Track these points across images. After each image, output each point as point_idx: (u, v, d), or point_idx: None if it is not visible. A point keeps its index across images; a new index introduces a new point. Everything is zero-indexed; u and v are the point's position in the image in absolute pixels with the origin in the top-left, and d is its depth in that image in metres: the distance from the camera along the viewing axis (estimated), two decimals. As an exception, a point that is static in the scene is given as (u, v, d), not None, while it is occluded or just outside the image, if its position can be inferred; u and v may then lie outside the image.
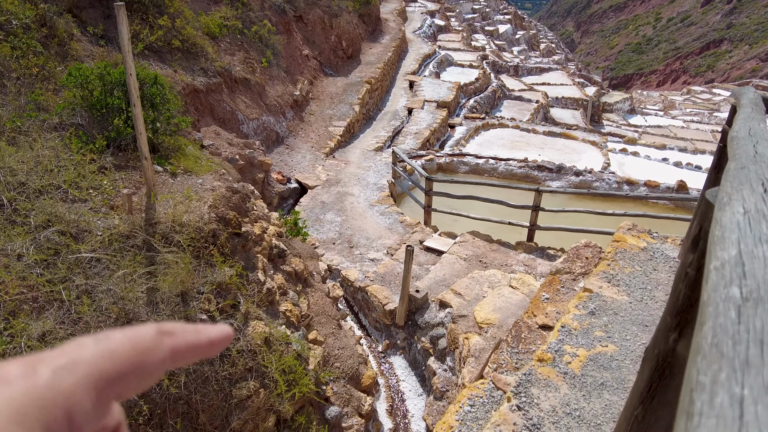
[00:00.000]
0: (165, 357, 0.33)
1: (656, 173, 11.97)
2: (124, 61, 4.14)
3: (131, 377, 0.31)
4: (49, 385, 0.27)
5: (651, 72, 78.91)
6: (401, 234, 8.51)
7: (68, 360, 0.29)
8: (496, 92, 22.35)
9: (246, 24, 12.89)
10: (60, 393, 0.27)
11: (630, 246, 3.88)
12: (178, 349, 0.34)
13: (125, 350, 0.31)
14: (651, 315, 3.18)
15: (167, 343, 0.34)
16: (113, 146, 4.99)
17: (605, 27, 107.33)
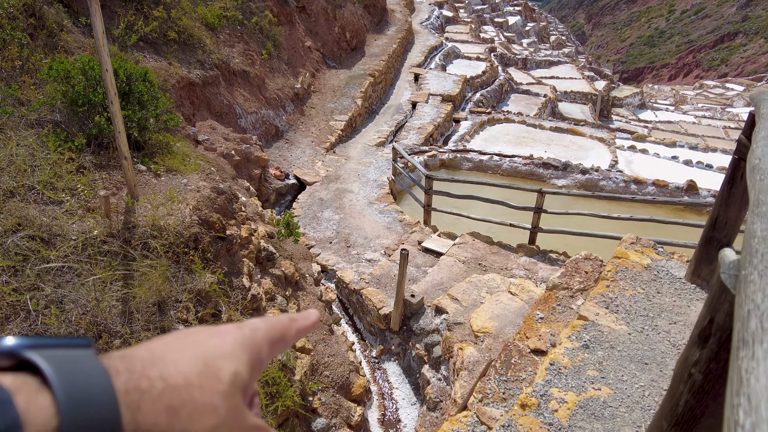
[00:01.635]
0: (294, 334, 0.49)
1: (665, 172, 11.63)
2: (99, 57, 3.91)
3: (280, 344, 0.47)
4: (251, 336, 0.44)
5: (663, 65, 77.72)
6: (400, 234, 8.27)
7: (255, 325, 0.46)
8: (504, 86, 21.95)
9: (246, 15, 12.62)
10: (255, 342, 0.44)
11: (632, 264, 3.61)
12: (300, 330, 0.49)
13: (279, 325, 0.47)
14: (651, 350, 2.91)
15: (295, 326, 0.49)
16: (94, 144, 4.78)
17: (617, 19, 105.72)
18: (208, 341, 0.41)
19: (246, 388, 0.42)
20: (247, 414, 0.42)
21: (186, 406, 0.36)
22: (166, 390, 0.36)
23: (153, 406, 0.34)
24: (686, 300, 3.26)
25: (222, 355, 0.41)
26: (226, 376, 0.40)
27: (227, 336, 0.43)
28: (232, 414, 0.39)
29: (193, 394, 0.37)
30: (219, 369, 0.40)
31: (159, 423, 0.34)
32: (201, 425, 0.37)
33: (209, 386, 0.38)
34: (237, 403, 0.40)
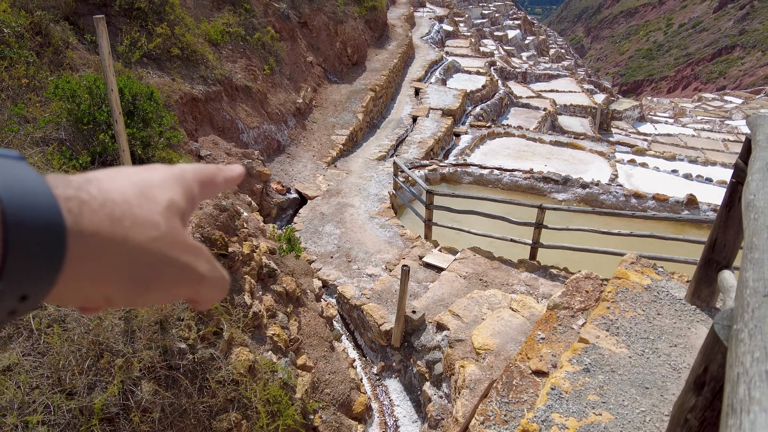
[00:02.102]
0: (222, 181, 0.52)
1: (665, 186, 11.67)
2: (105, 77, 3.97)
3: (209, 187, 0.49)
4: (181, 174, 0.46)
5: (661, 78, 78.26)
6: (401, 248, 8.29)
7: (184, 167, 0.47)
8: (503, 99, 22.11)
9: (249, 30, 12.77)
10: (187, 179, 0.46)
11: (632, 284, 3.61)
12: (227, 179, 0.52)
13: (207, 170, 0.50)
14: (652, 373, 2.90)
15: (221, 174, 0.52)
16: (98, 162, 4.83)
17: (615, 32, 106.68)
18: (141, 174, 0.43)
19: (182, 215, 0.44)
20: (187, 235, 0.43)
21: (128, 218, 0.38)
22: (106, 202, 0.37)
23: (95, 214, 0.36)
24: (686, 322, 3.26)
25: (156, 185, 0.42)
26: (163, 200, 0.42)
27: (159, 171, 0.45)
28: (172, 231, 0.41)
29: (133, 210, 0.39)
30: (155, 195, 0.41)
31: (102, 226, 0.36)
32: (143, 235, 0.38)
33: (147, 206, 0.40)
34: (176, 224, 0.42)
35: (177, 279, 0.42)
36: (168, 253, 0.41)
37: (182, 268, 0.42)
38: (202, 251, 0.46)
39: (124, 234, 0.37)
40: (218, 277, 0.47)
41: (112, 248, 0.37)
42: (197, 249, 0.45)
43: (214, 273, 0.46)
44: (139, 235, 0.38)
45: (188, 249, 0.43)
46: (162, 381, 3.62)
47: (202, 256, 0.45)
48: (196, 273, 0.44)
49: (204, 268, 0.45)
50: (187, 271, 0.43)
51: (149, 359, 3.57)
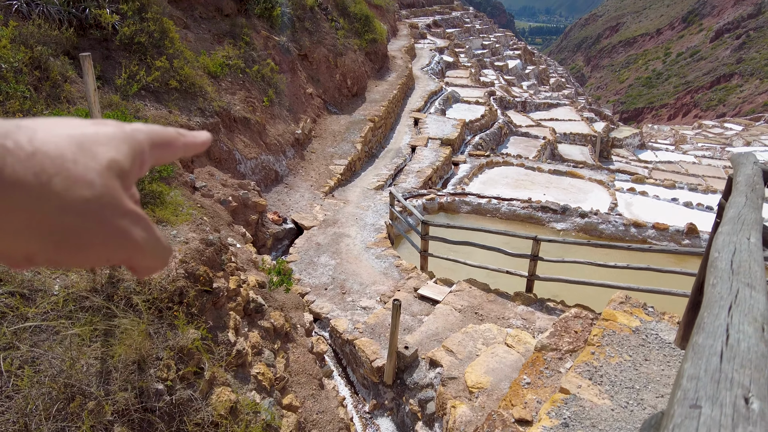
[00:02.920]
0: (181, 146, 0.48)
1: (665, 214, 11.56)
2: (90, 112, 3.96)
3: (164, 150, 0.46)
4: (132, 133, 0.43)
5: (662, 106, 78.97)
6: (396, 280, 8.17)
7: (137, 126, 0.44)
8: (503, 129, 22.25)
9: (248, 63, 12.96)
10: (137, 139, 0.43)
11: (620, 327, 3.48)
12: (188, 144, 0.48)
13: (165, 133, 0.47)
14: (635, 429, 2.74)
15: (182, 139, 0.48)
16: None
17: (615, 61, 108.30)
18: (87, 127, 0.41)
19: (124, 177, 0.41)
20: (125, 199, 0.40)
21: (60, 174, 0.36)
22: (35, 154, 0.35)
23: (20, 164, 0.34)
24: (675, 368, 3.11)
25: (100, 142, 0.40)
26: (104, 158, 0.39)
27: (107, 127, 0.42)
28: (108, 192, 0.38)
29: (67, 165, 0.36)
30: (96, 152, 0.39)
31: (27, 180, 0.34)
32: (75, 194, 0.36)
33: (84, 162, 0.37)
34: (114, 186, 0.39)
35: (107, 243, 0.39)
36: (100, 215, 0.38)
37: (114, 233, 0.40)
38: (140, 217, 0.42)
39: (53, 190, 0.35)
40: (156, 247, 0.44)
41: (36, 204, 0.35)
42: (134, 214, 0.42)
43: (150, 242, 0.43)
44: (70, 193, 0.36)
45: (124, 213, 0.40)
46: (136, 424, 3.48)
47: (141, 223, 0.42)
48: (131, 240, 0.41)
49: (139, 236, 0.42)
50: (120, 237, 0.40)
51: (123, 402, 3.44)
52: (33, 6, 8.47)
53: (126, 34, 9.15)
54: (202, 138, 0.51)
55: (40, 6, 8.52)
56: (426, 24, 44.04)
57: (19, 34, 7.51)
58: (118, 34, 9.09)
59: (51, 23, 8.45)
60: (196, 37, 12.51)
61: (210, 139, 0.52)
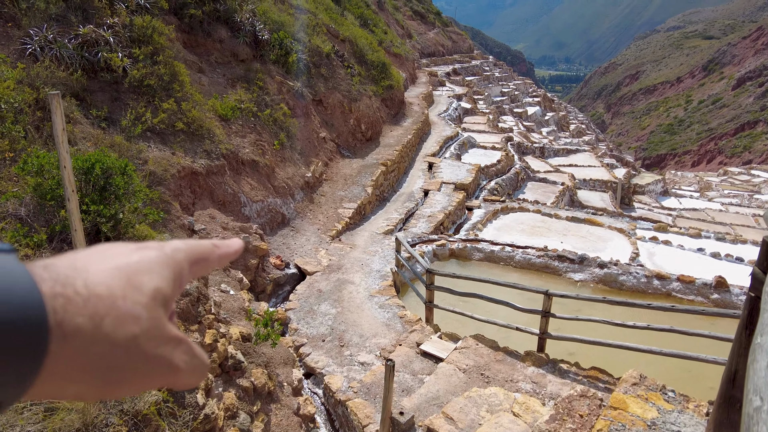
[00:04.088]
0: (217, 258, 0.50)
1: (691, 266, 10.85)
2: (58, 153, 3.73)
3: (201, 265, 0.48)
4: (172, 255, 0.45)
5: (685, 152, 77.96)
6: (399, 332, 7.64)
7: (176, 245, 0.47)
8: (519, 174, 21.88)
9: (260, 107, 13.01)
10: (177, 260, 0.45)
11: (632, 419, 2.93)
12: (222, 256, 0.51)
13: (201, 248, 0.49)
14: None
15: (217, 251, 0.50)
16: (58, 240, 4.52)
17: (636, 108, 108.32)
18: (131, 256, 0.43)
19: (167, 302, 0.43)
20: (168, 325, 0.43)
21: (110, 314, 0.38)
22: (90, 298, 0.37)
23: (78, 311, 0.36)
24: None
25: (145, 270, 0.42)
26: (149, 290, 0.41)
27: (150, 252, 0.44)
28: (153, 324, 0.41)
29: (117, 303, 0.38)
30: (142, 283, 0.41)
31: (84, 326, 0.36)
32: (124, 332, 0.38)
33: (132, 297, 0.40)
34: (158, 315, 0.41)
35: (151, 373, 0.41)
36: (145, 348, 0.40)
37: (158, 361, 0.41)
38: (181, 341, 0.44)
39: (105, 332, 0.37)
40: (195, 367, 0.46)
41: (91, 347, 0.36)
42: (176, 339, 0.44)
43: (190, 364, 0.45)
44: (120, 332, 0.38)
45: (167, 340, 0.43)
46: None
47: (181, 347, 0.44)
48: (172, 366, 0.43)
49: (180, 360, 0.44)
50: (163, 365, 0.42)
51: None
52: (47, 49, 8.60)
53: (135, 76, 9.21)
54: (235, 247, 0.53)
55: (54, 50, 8.65)
56: (446, 72, 44.77)
57: (27, 75, 7.57)
58: (128, 76, 9.15)
59: (62, 66, 8.55)
60: (210, 81, 12.66)
61: (242, 246, 0.54)
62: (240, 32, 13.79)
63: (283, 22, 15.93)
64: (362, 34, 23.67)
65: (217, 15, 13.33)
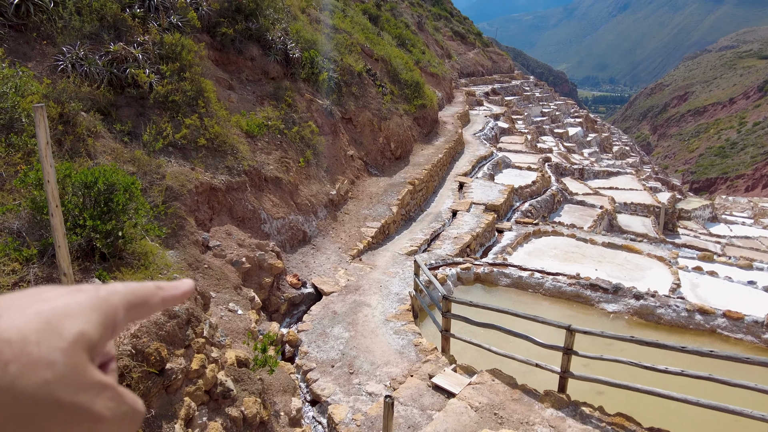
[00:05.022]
0: (159, 302, 0.49)
1: (740, 300, 9.95)
2: (42, 168, 3.61)
3: (140, 309, 0.47)
4: (106, 298, 0.44)
5: (738, 176, 74.11)
6: (412, 362, 7.22)
7: (114, 288, 0.46)
8: (556, 196, 21.12)
9: (288, 124, 12.99)
10: (111, 304, 0.44)
11: None
12: (166, 299, 0.49)
13: (141, 291, 0.48)
14: None
15: (160, 294, 0.49)
16: (49, 255, 4.41)
17: (684, 130, 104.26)
18: (58, 300, 0.42)
19: (92, 347, 0.42)
20: (90, 370, 0.41)
21: (17, 360, 0.36)
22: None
23: None
24: None
25: (69, 314, 0.41)
26: (69, 334, 0.40)
27: (80, 295, 0.43)
28: (71, 370, 0.39)
29: (29, 349, 0.37)
30: (62, 327, 0.40)
31: None
32: (33, 379, 0.36)
33: (47, 342, 0.38)
34: (78, 361, 0.40)
35: (66, 422, 0.39)
36: (59, 396, 0.38)
37: (75, 410, 0.39)
38: (106, 387, 0.42)
39: (9, 381, 0.35)
40: (124, 414, 0.42)
41: None
42: (100, 385, 0.41)
43: (117, 411, 0.42)
44: (28, 380, 0.36)
45: (87, 387, 0.40)
46: None
47: (105, 393, 0.41)
48: (92, 414, 0.40)
49: (103, 408, 0.41)
50: (80, 413, 0.39)
51: None
52: (77, 66, 8.81)
53: (160, 92, 9.31)
54: (183, 289, 0.51)
55: (84, 66, 8.85)
56: (484, 92, 44.36)
57: (53, 90, 7.72)
58: (153, 92, 9.26)
59: (90, 81, 8.72)
60: (240, 98, 12.77)
61: (191, 288, 0.53)
62: (271, 50, 13.91)
63: (315, 41, 16.03)
64: (397, 54, 23.66)
65: (249, 33, 13.50)
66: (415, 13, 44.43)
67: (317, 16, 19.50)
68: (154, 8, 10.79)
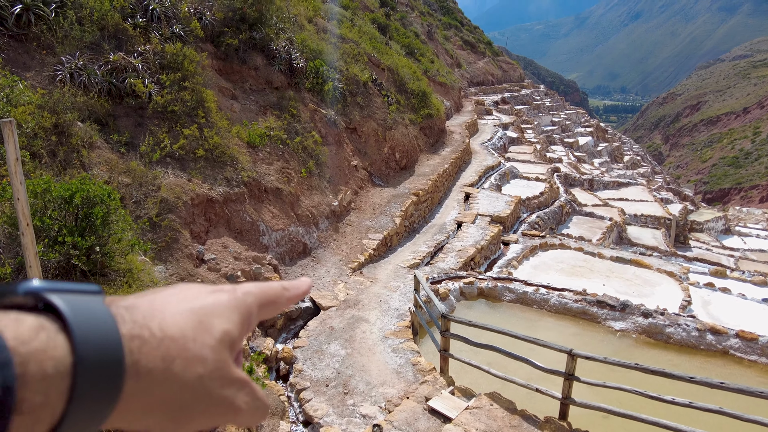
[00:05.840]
0: (285, 301, 0.53)
1: (754, 319, 9.57)
2: (11, 184, 3.46)
3: (270, 308, 0.52)
4: (243, 299, 0.48)
5: (752, 187, 72.96)
6: (409, 382, 6.97)
7: (248, 289, 0.50)
8: (564, 207, 20.77)
9: (290, 134, 12.87)
10: (247, 304, 0.48)
11: None
12: (290, 298, 0.54)
13: (271, 292, 0.52)
14: None
15: (285, 294, 0.53)
16: (24, 274, 4.25)
17: (696, 140, 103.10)
18: (205, 298, 0.46)
19: (233, 345, 0.46)
20: (233, 367, 0.46)
21: (180, 356, 0.41)
22: (164, 340, 0.40)
23: (152, 353, 0.39)
24: None
25: (215, 314, 0.45)
26: (217, 332, 0.44)
27: (222, 295, 0.47)
28: (218, 366, 0.43)
29: (187, 345, 0.42)
30: (212, 325, 0.44)
31: (156, 368, 0.39)
32: (191, 373, 0.41)
33: (201, 340, 0.43)
34: (224, 358, 0.44)
35: (214, 413, 0.44)
36: (210, 389, 0.43)
37: (221, 402, 0.44)
38: (245, 384, 0.47)
39: (175, 372, 0.40)
40: (256, 409, 0.48)
41: (161, 386, 0.39)
42: (240, 382, 0.46)
43: (251, 406, 0.47)
44: (187, 373, 0.41)
45: (231, 383, 0.45)
46: None
47: (245, 389, 0.46)
48: (234, 407, 0.45)
49: (242, 402, 0.46)
50: (225, 406, 0.44)
51: None
52: (76, 76, 8.75)
53: (159, 102, 9.22)
54: (304, 288, 0.56)
55: (82, 76, 8.78)
56: (494, 101, 44.14)
57: (48, 100, 7.63)
58: (151, 102, 9.16)
59: (89, 91, 8.65)
60: (242, 108, 12.66)
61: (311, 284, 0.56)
62: (275, 60, 13.83)
63: (321, 51, 15.95)
64: (405, 63, 23.55)
65: (253, 43, 13.43)
66: (425, 23, 44.43)
67: (324, 26, 19.46)
68: (156, 18, 10.74)
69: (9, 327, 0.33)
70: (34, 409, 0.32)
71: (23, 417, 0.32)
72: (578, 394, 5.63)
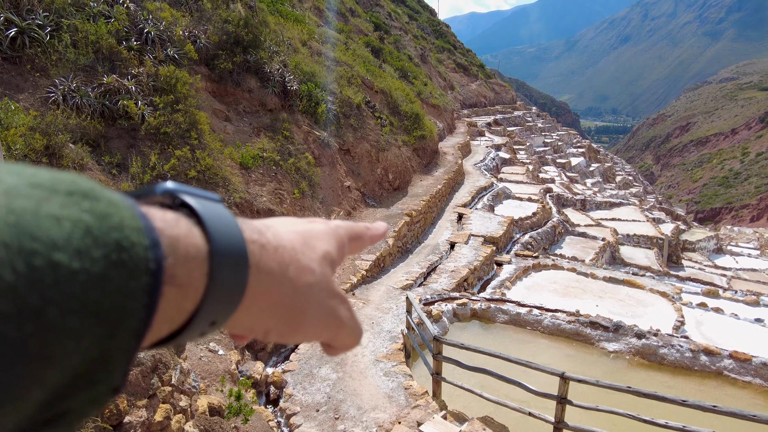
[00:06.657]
0: (369, 238, 0.57)
1: (748, 340, 9.56)
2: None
3: (357, 242, 0.56)
4: (335, 229, 0.52)
5: (742, 206, 73.73)
6: (401, 406, 6.86)
7: (339, 223, 0.54)
8: (557, 227, 20.86)
9: (284, 156, 12.91)
10: (339, 234, 0.52)
11: None
12: (373, 236, 0.58)
13: (357, 228, 0.56)
14: None
15: (368, 233, 0.57)
16: None
17: (687, 160, 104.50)
18: (305, 225, 0.51)
19: (333, 265, 0.50)
20: (335, 283, 0.49)
21: (293, 264, 0.44)
22: (278, 248, 0.44)
23: (270, 256, 0.42)
24: None
25: (316, 237, 0.49)
26: (321, 251, 0.48)
27: (319, 224, 0.52)
28: (324, 278, 0.47)
29: (297, 256, 0.45)
30: (315, 245, 0.48)
31: (273, 269, 0.42)
32: (302, 280, 0.45)
33: (308, 254, 0.46)
34: (327, 272, 0.48)
35: (322, 321, 0.48)
36: (319, 297, 0.47)
37: (328, 311, 0.48)
38: (345, 299, 0.50)
39: (289, 277, 0.44)
40: (354, 326, 0.51)
41: (278, 287, 0.43)
42: (341, 296, 0.50)
43: (352, 321, 0.51)
44: (300, 280, 0.44)
45: (334, 295, 0.49)
46: None
47: (345, 304, 0.50)
48: (339, 318, 0.49)
49: (344, 315, 0.50)
50: (332, 316, 0.48)
51: None
52: (69, 97, 8.78)
53: (152, 124, 9.24)
54: (382, 230, 0.59)
55: (75, 98, 8.81)
56: (486, 122, 44.60)
57: (41, 122, 7.64)
58: (144, 123, 9.19)
59: (82, 113, 8.67)
60: (236, 129, 12.73)
61: (387, 228, 0.61)
62: (269, 82, 13.95)
63: (314, 73, 16.13)
64: (398, 86, 23.84)
65: (247, 66, 13.56)
66: (418, 46, 45.10)
67: (319, 49, 19.70)
68: (151, 41, 10.84)
69: (156, 214, 0.36)
70: (183, 284, 0.35)
71: (174, 289, 0.35)
72: (572, 417, 5.56)
